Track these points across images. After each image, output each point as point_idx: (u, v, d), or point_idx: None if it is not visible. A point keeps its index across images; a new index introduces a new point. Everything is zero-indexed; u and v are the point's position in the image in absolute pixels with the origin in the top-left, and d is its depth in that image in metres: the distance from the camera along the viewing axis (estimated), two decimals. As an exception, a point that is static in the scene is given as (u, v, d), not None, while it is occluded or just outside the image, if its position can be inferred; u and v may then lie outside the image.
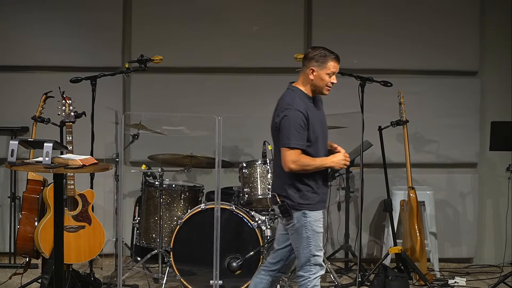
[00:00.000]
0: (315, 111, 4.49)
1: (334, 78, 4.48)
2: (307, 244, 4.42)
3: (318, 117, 4.50)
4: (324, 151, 4.50)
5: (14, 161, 4.26)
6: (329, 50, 4.48)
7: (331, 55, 4.45)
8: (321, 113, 4.56)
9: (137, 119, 6.06)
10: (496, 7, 6.90)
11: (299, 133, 4.36)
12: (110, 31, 6.74)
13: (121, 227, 5.67)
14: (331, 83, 4.47)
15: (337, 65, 4.48)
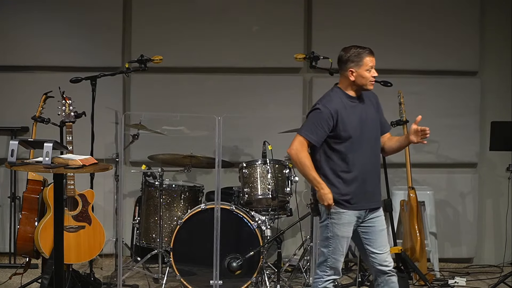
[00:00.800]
0: (355, 111, 4.43)
1: (373, 71, 4.48)
2: (327, 244, 4.42)
3: (359, 116, 4.42)
4: (362, 151, 4.40)
5: (14, 161, 4.27)
6: (360, 46, 4.49)
7: (364, 51, 4.47)
8: (366, 113, 4.45)
9: (137, 119, 6.06)
10: (496, 7, 6.90)
11: (316, 127, 4.38)
12: (110, 31, 6.75)
13: (121, 227, 5.67)
14: (373, 77, 4.47)
15: (372, 58, 4.49)
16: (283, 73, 6.85)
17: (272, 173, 5.86)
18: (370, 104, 4.51)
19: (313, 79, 6.84)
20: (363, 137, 4.42)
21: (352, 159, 4.38)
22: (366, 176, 4.43)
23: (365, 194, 4.44)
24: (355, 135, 4.40)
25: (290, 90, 6.82)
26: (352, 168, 4.39)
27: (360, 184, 4.41)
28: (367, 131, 4.44)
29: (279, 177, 5.90)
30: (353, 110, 4.44)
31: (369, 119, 4.46)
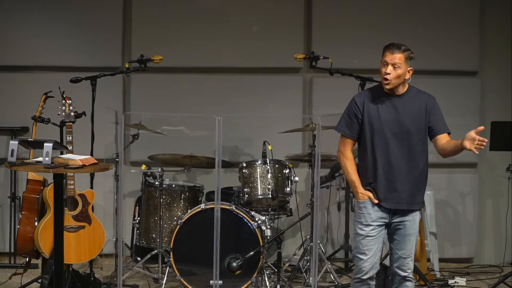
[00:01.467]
0: (387, 107, 4.42)
1: (387, 68, 4.41)
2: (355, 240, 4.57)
3: (388, 114, 4.41)
4: (387, 148, 4.40)
5: (14, 161, 4.27)
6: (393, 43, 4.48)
7: (386, 46, 4.47)
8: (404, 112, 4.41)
9: (137, 119, 6.06)
10: (496, 7, 6.90)
11: (345, 119, 4.49)
12: (110, 31, 6.74)
13: (121, 227, 5.66)
14: (385, 74, 4.41)
15: (389, 54, 4.41)
16: (283, 73, 6.85)
17: (272, 173, 5.86)
18: (418, 104, 4.43)
19: (313, 79, 6.84)
20: (391, 134, 4.39)
21: (379, 152, 4.40)
22: (397, 175, 4.42)
23: (394, 193, 4.43)
24: (379, 133, 4.39)
25: (290, 90, 6.81)
26: (377, 163, 4.41)
27: (388, 180, 4.43)
28: (396, 133, 4.39)
29: (279, 177, 5.89)
30: (384, 106, 4.42)
31: (405, 121, 4.40)
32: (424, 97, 4.50)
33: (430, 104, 4.48)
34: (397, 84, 4.44)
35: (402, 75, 4.42)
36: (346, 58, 6.61)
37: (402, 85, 4.48)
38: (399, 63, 4.39)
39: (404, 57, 4.42)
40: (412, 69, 4.46)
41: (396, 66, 4.40)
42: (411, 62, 4.46)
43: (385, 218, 4.48)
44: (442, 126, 4.51)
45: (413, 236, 4.48)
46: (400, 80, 4.43)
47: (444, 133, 4.50)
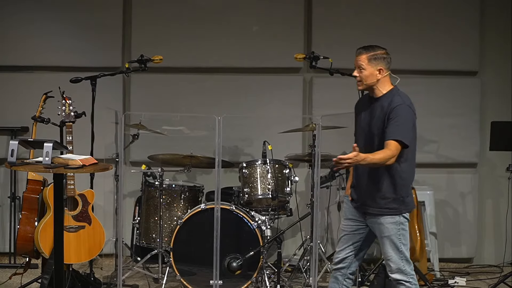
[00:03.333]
0: (366, 111, 4.51)
1: (355, 71, 4.51)
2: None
3: (366, 117, 4.49)
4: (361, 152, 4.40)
5: (14, 161, 4.27)
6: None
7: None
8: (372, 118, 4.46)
9: (137, 119, 6.06)
10: (496, 7, 6.91)
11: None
12: (110, 31, 6.75)
13: (121, 227, 5.66)
14: (355, 77, 4.50)
15: (356, 56, 4.51)
16: (283, 73, 6.85)
17: (272, 173, 5.86)
18: (381, 110, 4.42)
19: (313, 79, 6.84)
20: (363, 140, 4.48)
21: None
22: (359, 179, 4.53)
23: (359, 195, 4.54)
24: (358, 135, 4.52)
25: (290, 90, 6.82)
26: (355, 166, 4.50)
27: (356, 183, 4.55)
28: (366, 135, 4.47)
29: (279, 177, 5.90)
30: (364, 110, 4.52)
31: (372, 123, 4.45)
32: (391, 101, 4.42)
33: (391, 109, 4.38)
34: (369, 85, 4.47)
35: (369, 75, 4.45)
36: (346, 58, 6.54)
37: (381, 87, 4.48)
38: (363, 64, 4.45)
39: (367, 58, 4.45)
40: (382, 69, 4.45)
41: (361, 68, 4.46)
42: (380, 62, 4.45)
43: (359, 217, 4.55)
44: (389, 132, 4.35)
45: (386, 239, 4.45)
46: (370, 80, 4.46)
47: (387, 140, 4.33)
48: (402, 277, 4.46)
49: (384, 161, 4.29)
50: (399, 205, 4.43)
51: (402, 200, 4.43)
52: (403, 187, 4.44)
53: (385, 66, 4.47)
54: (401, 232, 4.44)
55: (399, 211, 4.43)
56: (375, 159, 4.27)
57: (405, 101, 4.42)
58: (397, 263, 4.45)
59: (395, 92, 4.48)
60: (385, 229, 4.44)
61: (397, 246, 4.44)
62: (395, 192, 4.42)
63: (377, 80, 4.46)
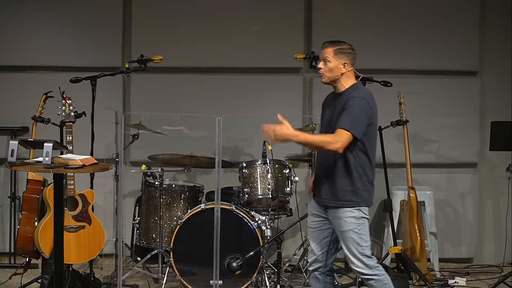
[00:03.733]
0: (330, 107, 4.51)
1: (320, 64, 4.50)
2: None
3: (328, 113, 4.50)
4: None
5: (14, 161, 4.27)
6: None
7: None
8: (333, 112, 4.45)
9: (137, 119, 6.06)
10: (496, 7, 6.91)
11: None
12: (110, 31, 6.75)
13: (121, 227, 5.67)
14: (319, 69, 4.50)
15: (322, 50, 4.53)
16: (283, 73, 6.85)
17: (272, 173, 5.86)
18: (341, 105, 4.41)
19: (313, 79, 6.84)
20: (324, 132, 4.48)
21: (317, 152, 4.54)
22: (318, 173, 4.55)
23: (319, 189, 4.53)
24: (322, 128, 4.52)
25: (290, 90, 6.82)
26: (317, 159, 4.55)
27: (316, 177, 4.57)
28: (327, 131, 4.44)
29: (279, 177, 5.90)
30: (330, 107, 4.52)
31: (333, 118, 4.44)
32: (351, 94, 4.42)
33: (347, 101, 4.38)
34: (332, 78, 4.47)
35: (334, 68, 4.44)
36: (346, 58, 6.60)
37: (344, 82, 4.47)
38: (328, 57, 4.46)
39: (334, 51, 4.47)
40: (347, 63, 4.45)
41: (326, 60, 4.46)
42: (346, 56, 4.46)
43: (322, 213, 4.55)
44: (339, 121, 4.33)
45: (345, 233, 4.43)
46: (333, 74, 4.45)
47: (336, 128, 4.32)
48: (367, 272, 4.43)
49: (324, 144, 4.27)
50: (357, 198, 4.42)
51: (359, 193, 4.42)
52: (359, 180, 4.42)
53: (350, 61, 4.48)
54: (360, 226, 4.42)
55: (357, 204, 4.41)
56: (312, 139, 4.31)
57: (362, 94, 4.40)
58: (359, 258, 4.42)
59: (356, 87, 4.47)
60: (344, 223, 4.42)
61: (357, 240, 4.40)
62: (352, 185, 4.41)
63: (341, 74, 4.46)
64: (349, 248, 4.43)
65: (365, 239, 4.43)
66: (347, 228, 4.42)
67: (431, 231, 6.47)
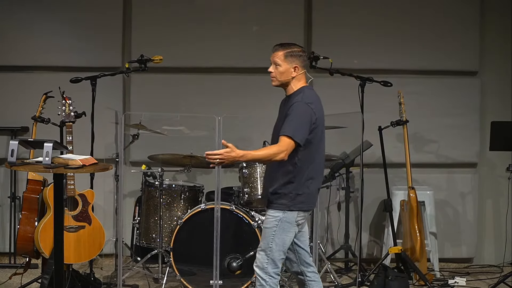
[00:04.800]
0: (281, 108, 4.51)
1: (270, 67, 4.46)
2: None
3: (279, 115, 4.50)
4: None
5: (14, 161, 4.27)
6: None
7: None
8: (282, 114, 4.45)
9: (137, 119, 6.06)
10: (496, 7, 6.91)
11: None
12: (110, 31, 6.74)
13: (121, 227, 5.67)
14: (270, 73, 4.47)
15: (272, 53, 4.46)
16: (283, 73, 6.84)
17: (272, 173, 5.85)
18: (287, 108, 4.39)
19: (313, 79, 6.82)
20: (273, 138, 4.47)
21: None
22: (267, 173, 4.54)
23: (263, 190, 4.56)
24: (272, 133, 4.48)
25: (290, 90, 6.80)
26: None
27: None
28: (275, 134, 4.44)
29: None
30: (282, 106, 4.51)
31: (279, 122, 4.42)
32: (293, 100, 4.39)
33: (289, 107, 4.36)
34: (283, 81, 4.44)
35: (284, 72, 4.41)
36: (346, 58, 6.62)
37: (292, 85, 4.44)
38: (278, 60, 4.41)
39: (284, 55, 4.41)
40: (297, 67, 4.41)
41: (276, 64, 4.42)
42: (297, 59, 4.41)
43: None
44: (282, 128, 4.31)
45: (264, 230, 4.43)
46: (285, 77, 4.42)
47: (280, 135, 4.29)
48: (260, 273, 4.43)
49: (271, 157, 4.24)
50: (288, 202, 4.37)
51: (293, 197, 4.37)
52: (294, 184, 4.37)
53: (301, 64, 4.43)
54: (278, 229, 4.38)
55: (286, 207, 4.37)
56: (258, 155, 4.27)
57: (305, 99, 4.36)
58: (262, 258, 4.42)
59: (302, 90, 4.43)
60: (266, 220, 4.42)
61: (269, 241, 4.39)
62: (285, 188, 4.38)
63: (291, 77, 4.43)
64: (261, 245, 4.43)
65: (277, 242, 4.38)
66: (266, 225, 4.42)
67: (431, 231, 6.47)
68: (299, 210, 4.40)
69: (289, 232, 4.41)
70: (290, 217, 4.38)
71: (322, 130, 4.46)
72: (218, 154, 4.12)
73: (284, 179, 4.37)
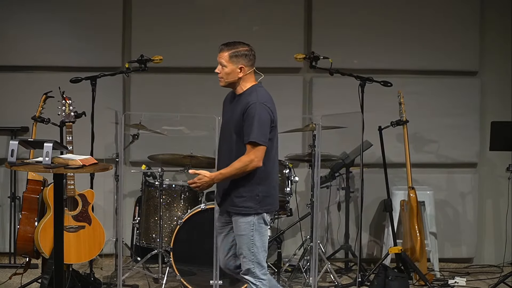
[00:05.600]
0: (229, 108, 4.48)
1: (217, 68, 4.45)
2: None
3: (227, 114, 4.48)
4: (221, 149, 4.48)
5: (14, 161, 4.27)
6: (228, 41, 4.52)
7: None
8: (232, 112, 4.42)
9: (137, 119, 6.06)
10: (496, 7, 6.90)
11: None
12: (110, 31, 6.74)
13: (121, 227, 5.67)
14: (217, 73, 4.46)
15: (219, 53, 4.46)
16: (283, 73, 6.85)
17: (272, 173, 5.85)
18: (240, 108, 4.37)
19: (313, 79, 6.84)
20: (224, 138, 4.45)
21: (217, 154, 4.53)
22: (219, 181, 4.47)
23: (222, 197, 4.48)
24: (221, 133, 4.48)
25: (290, 90, 6.81)
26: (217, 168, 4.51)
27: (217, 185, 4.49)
28: (226, 132, 4.41)
29: (279, 177, 5.89)
30: (229, 108, 4.48)
31: (232, 120, 4.39)
32: (248, 100, 4.37)
33: (246, 109, 4.33)
34: (231, 82, 4.42)
35: (230, 73, 4.39)
36: (346, 58, 6.61)
37: (243, 84, 4.43)
38: (224, 61, 4.40)
39: (229, 55, 4.40)
40: (244, 67, 4.40)
41: (223, 65, 4.41)
42: (242, 59, 4.40)
43: (227, 217, 4.51)
44: (245, 134, 4.30)
45: (240, 238, 4.40)
46: (231, 78, 4.40)
47: (245, 143, 4.30)
48: (250, 279, 4.42)
49: (244, 169, 4.26)
50: (255, 204, 4.36)
51: (258, 199, 4.37)
52: (259, 186, 4.37)
53: (247, 64, 4.41)
54: (254, 233, 4.37)
55: (254, 211, 4.37)
56: (231, 171, 4.27)
57: (260, 99, 4.35)
58: (247, 264, 4.40)
59: (253, 89, 4.41)
60: (239, 228, 4.40)
61: (249, 246, 4.38)
62: (250, 191, 4.36)
63: (238, 77, 4.41)
64: (242, 253, 4.42)
65: (258, 245, 4.38)
66: (241, 233, 4.39)
67: (431, 231, 6.47)
68: (266, 212, 4.41)
69: (265, 232, 4.44)
70: (261, 219, 4.40)
71: (277, 128, 4.49)
72: (193, 183, 4.22)
73: (250, 181, 4.35)
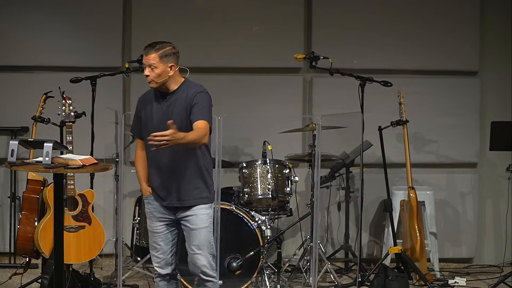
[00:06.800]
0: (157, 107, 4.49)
1: (146, 70, 4.44)
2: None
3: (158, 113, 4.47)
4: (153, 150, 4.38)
5: (14, 161, 4.26)
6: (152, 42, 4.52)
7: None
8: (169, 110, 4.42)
9: (137, 119, 6.04)
10: (496, 7, 6.90)
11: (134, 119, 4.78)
12: (110, 31, 6.74)
13: (121, 227, 5.67)
14: (146, 76, 4.44)
15: (145, 56, 4.46)
16: (283, 73, 6.85)
17: (272, 173, 5.86)
18: (181, 102, 4.40)
19: (313, 79, 6.84)
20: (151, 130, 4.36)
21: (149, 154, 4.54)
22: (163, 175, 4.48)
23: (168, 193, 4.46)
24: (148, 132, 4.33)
25: (290, 90, 6.82)
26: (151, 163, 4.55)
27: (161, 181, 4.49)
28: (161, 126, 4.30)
29: (279, 177, 5.89)
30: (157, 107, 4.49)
31: (170, 116, 4.35)
32: (192, 90, 4.44)
33: (193, 97, 4.40)
34: (162, 82, 4.43)
35: (162, 73, 4.41)
36: (346, 58, 6.62)
37: (173, 81, 4.46)
38: (154, 63, 4.41)
39: (159, 56, 4.42)
40: (174, 65, 4.43)
41: (152, 67, 4.41)
42: (171, 58, 4.45)
43: (170, 215, 4.51)
44: (195, 115, 4.34)
45: (199, 231, 4.42)
46: (162, 78, 4.42)
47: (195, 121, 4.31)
48: (210, 272, 4.45)
49: (200, 139, 4.25)
50: (209, 194, 4.44)
51: (211, 189, 4.44)
52: (208, 175, 4.43)
53: (175, 61, 4.47)
54: (210, 224, 4.44)
55: (210, 200, 4.43)
56: (193, 137, 4.23)
57: (203, 88, 4.49)
58: (207, 259, 4.44)
59: (189, 83, 4.50)
60: (200, 220, 4.41)
61: (209, 239, 4.42)
62: (204, 181, 4.42)
63: (169, 76, 4.44)
64: (201, 246, 4.43)
65: (212, 237, 4.47)
66: (202, 225, 4.42)
67: (431, 231, 6.47)
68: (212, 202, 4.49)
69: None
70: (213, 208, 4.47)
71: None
72: (166, 135, 4.05)
73: (202, 171, 4.41)
